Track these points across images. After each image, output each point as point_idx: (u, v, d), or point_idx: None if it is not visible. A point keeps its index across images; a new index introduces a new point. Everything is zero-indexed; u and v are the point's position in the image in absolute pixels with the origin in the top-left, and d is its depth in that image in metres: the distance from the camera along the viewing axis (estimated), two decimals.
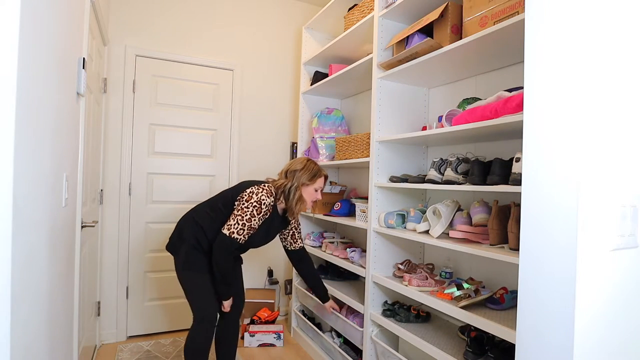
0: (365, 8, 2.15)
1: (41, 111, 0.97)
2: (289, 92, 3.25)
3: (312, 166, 1.94)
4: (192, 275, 1.84)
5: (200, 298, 1.84)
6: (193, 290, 1.85)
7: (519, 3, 1.32)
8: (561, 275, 0.85)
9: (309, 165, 1.93)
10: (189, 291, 1.85)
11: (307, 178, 1.90)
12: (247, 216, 1.76)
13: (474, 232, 1.52)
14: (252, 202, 1.77)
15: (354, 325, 2.06)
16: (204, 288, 1.84)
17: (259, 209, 1.77)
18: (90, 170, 2.03)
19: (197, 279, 1.84)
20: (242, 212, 1.76)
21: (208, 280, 1.84)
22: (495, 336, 1.41)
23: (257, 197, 1.77)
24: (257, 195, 1.78)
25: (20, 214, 0.82)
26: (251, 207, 1.76)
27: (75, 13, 1.42)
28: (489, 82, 1.77)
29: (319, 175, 1.93)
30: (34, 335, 0.96)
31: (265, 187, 1.82)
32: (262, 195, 1.78)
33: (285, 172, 1.94)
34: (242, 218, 1.75)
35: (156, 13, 2.77)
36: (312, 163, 1.95)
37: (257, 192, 1.79)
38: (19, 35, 0.77)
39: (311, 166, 1.93)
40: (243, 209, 1.77)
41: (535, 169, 0.91)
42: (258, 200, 1.77)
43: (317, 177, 1.92)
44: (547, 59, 0.89)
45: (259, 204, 1.77)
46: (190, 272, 1.84)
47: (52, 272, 1.17)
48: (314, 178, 1.91)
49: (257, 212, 1.77)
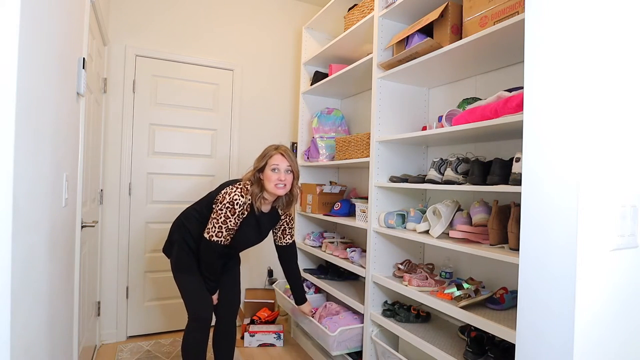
0: (365, 8, 2.15)
1: (41, 111, 0.97)
2: (289, 92, 3.25)
3: (266, 148, 1.84)
4: (184, 277, 1.86)
5: (194, 298, 1.86)
6: (186, 290, 1.87)
7: (519, 3, 1.32)
8: (561, 275, 0.85)
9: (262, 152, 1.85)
10: (183, 292, 1.87)
11: (258, 160, 1.82)
12: (221, 218, 1.75)
13: (474, 232, 1.52)
14: (224, 203, 1.74)
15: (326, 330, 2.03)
16: (197, 288, 1.86)
17: (232, 209, 1.74)
18: (90, 170, 2.03)
19: (190, 279, 1.86)
20: (217, 215, 1.76)
21: (200, 281, 1.86)
22: (495, 336, 1.41)
23: (230, 198, 1.74)
24: (229, 196, 1.74)
25: (20, 214, 0.82)
26: (224, 208, 1.74)
27: (75, 13, 1.42)
28: (489, 82, 1.77)
29: (269, 154, 1.80)
30: (34, 335, 0.96)
31: (240, 185, 1.78)
32: (234, 195, 1.74)
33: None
34: (218, 221, 1.75)
35: (156, 13, 2.77)
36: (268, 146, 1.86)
37: (230, 192, 1.75)
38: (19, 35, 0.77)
39: (265, 149, 1.85)
40: (217, 211, 1.76)
41: (535, 169, 0.91)
42: (230, 200, 1.73)
43: (267, 156, 1.80)
44: (547, 59, 0.89)
45: (232, 204, 1.73)
46: (183, 273, 1.86)
47: (52, 272, 1.17)
48: (264, 158, 1.80)
49: (231, 213, 1.74)
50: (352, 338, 2.05)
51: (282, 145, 1.86)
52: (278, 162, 1.77)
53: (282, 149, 1.82)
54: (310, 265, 2.85)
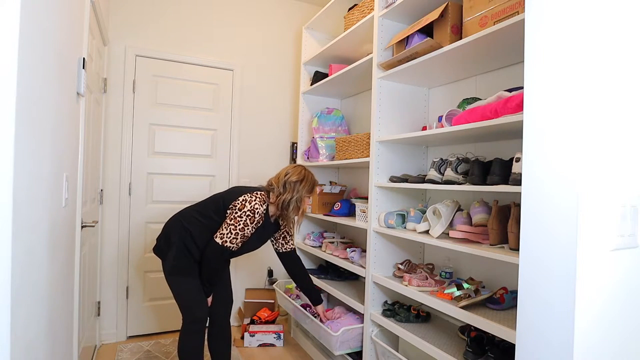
0: (365, 8, 2.15)
1: (41, 111, 0.97)
2: (289, 92, 3.25)
3: (310, 177, 1.92)
4: (181, 280, 1.83)
5: (190, 300, 1.84)
6: (182, 293, 1.84)
7: (519, 3, 1.32)
8: (561, 275, 0.85)
9: (307, 176, 1.90)
10: (178, 294, 1.85)
11: (307, 191, 1.89)
12: (240, 225, 1.74)
13: (474, 232, 1.52)
14: (245, 211, 1.74)
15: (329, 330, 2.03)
16: (194, 290, 1.83)
17: (252, 218, 1.75)
18: (90, 170, 2.03)
19: (186, 282, 1.83)
20: (235, 222, 1.74)
21: (197, 283, 1.84)
22: (495, 336, 1.41)
23: (251, 206, 1.75)
24: (250, 204, 1.75)
25: (20, 214, 0.82)
26: (244, 216, 1.74)
27: (75, 13, 1.42)
28: (489, 82, 1.77)
29: (316, 185, 1.96)
30: (34, 335, 0.96)
31: (258, 194, 1.80)
32: (255, 204, 1.76)
33: (284, 183, 1.87)
34: (235, 227, 1.74)
35: (156, 13, 2.77)
36: (309, 173, 1.93)
37: (251, 200, 1.76)
38: (19, 35, 0.77)
39: (309, 177, 1.91)
40: (236, 217, 1.75)
41: (535, 169, 0.91)
42: (251, 209, 1.75)
43: (315, 187, 1.94)
44: (547, 59, 0.89)
45: (252, 213, 1.75)
46: (180, 276, 1.83)
47: (52, 272, 1.17)
48: (313, 189, 1.92)
49: (251, 222, 1.76)
50: (354, 338, 2.05)
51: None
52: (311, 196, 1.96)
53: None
54: (310, 265, 2.85)
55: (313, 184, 1.92)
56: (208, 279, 1.82)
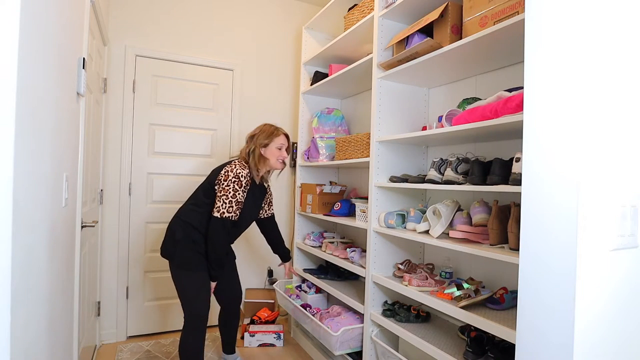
0: (365, 8, 2.15)
1: (41, 111, 0.97)
2: (289, 92, 3.25)
3: (268, 127, 2.05)
4: (189, 274, 1.88)
5: (195, 296, 1.87)
6: (188, 288, 1.88)
7: (519, 3, 1.32)
8: (561, 275, 0.85)
9: (264, 128, 2.06)
10: (185, 290, 1.88)
11: (264, 137, 2.01)
12: (230, 193, 1.84)
13: (474, 232, 1.52)
14: (230, 178, 1.87)
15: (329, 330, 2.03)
16: (201, 286, 1.87)
17: (239, 182, 1.87)
18: (90, 170, 2.03)
19: (194, 277, 1.88)
20: (225, 192, 1.85)
21: (204, 279, 1.88)
22: (495, 336, 1.41)
23: (234, 173, 1.87)
24: (232, 172, 1.88)
25: (20, 214, 0.82)
26: (231, 183, 1.85)
27: (75, 13, 1.42)
28: (489, 82, 1.77)
29: (275, 134, 2.03)
30: (33, 335, 0.96)
31: (237, 162, 1.95)
32: (236, 170, 1.89)
33: (246, 141, 2.06)
34: (227, 196, 1.84)
35: (156, 13, 2.77)
36: (268, 125, 2.07)
37: (232, 168, 1.90)
38: (19, 35, 0.77)
39: (266, 128, 2.05)
40: (225, 188, 1.86)
41: (535, 169, 0.91)
42: (235, 175, 1.87)
43: (274, 135, 2.02)
44: (547, 59, 0.89)
45: (237, 177, 1.87)
46: (188, 271, 1.88)
47: (52, 272, 1.17)
48: (270, 136, 2.01)
49: (239, 186, 1.86)
50: (354, 338, 2.05)
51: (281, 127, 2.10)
52: (283, 142, 2.05)
53: (285, 131, 2.08)
54: (310, 265, 2.85)
55: (271, 131, 2.03)
56: (215, 259, 1.87)
